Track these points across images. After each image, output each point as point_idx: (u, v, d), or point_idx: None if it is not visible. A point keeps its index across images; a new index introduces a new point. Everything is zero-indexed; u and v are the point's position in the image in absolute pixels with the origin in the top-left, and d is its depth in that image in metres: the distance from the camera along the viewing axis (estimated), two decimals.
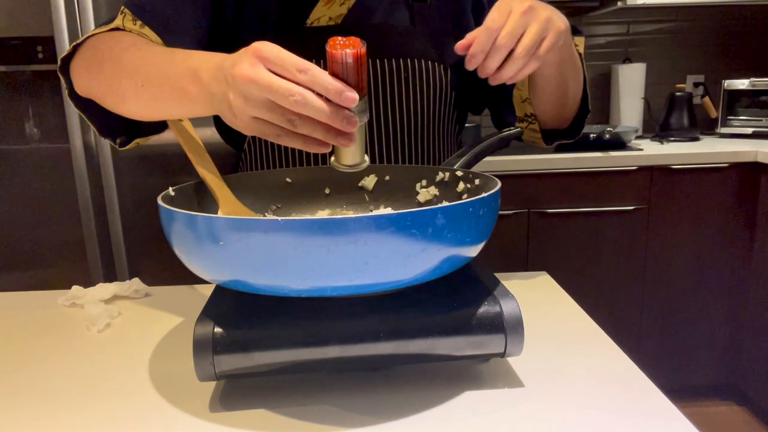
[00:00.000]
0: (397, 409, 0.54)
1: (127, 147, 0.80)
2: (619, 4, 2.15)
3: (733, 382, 2.10)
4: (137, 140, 0.80)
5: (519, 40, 0.63)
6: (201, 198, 0.68)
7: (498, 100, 0.94)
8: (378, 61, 0.85)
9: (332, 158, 0.56)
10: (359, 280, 0.49)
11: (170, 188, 0.63)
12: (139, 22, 0.74)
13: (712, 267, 2.02)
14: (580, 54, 0.84)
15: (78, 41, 0.74)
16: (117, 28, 0.73)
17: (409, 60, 0.86)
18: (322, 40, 0.51)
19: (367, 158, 0.56)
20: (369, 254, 0.47)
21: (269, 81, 0.47)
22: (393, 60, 0.85)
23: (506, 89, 0.91)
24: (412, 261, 0.49)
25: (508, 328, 0.55)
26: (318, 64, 0.49)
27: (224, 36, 0.83)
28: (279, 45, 0.49)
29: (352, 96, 0.47)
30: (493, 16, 0.63)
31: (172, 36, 0.75)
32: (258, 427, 0.53)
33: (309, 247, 0.46)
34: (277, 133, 0.50)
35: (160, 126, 0.79)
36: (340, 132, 0.49)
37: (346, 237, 0.46)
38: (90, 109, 0.76)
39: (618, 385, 0.58)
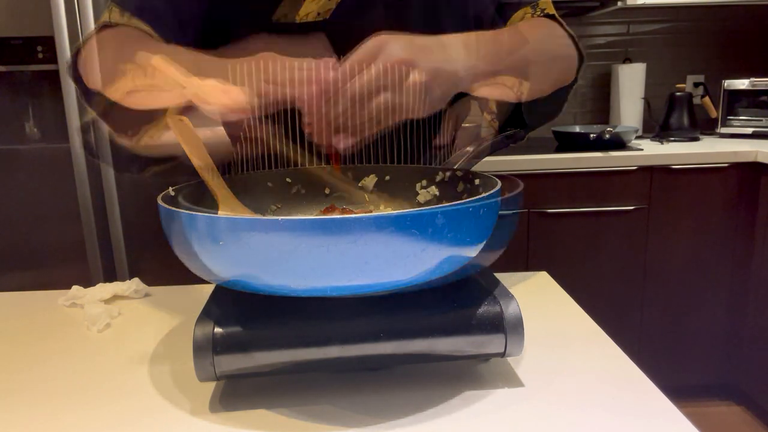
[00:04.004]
0: (397, 409, 0.54)
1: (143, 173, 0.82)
2: (619, 4, 2.14)
3: (733, 382, 2.10)
4: (151, 168, 0.82)
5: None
6: (201, 198, 0.68)
7: None
8: None
9: None
10: (359, 280, 0.49)
11: (170, 188, 0.63)
12: (126, 15, 0.75)
13: (712, 267, 2.02)
14: (552, 15, 0.79)
15: (74, 51, 0.76)
16: (105, 25, 0.74)
17: None
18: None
19: None
20: (369, 254, 0.47)
21: None
22: None
23: None
24: (412, 261, 0.49)
25: (508, 328, 0.55)
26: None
27: (217, 35, 0.84)
28: (273, 40, 0.50)
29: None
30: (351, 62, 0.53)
31: (163, 27, 0.75)
32: (258, 427, 0.53)
33: (309, 247, 0.46)
34: None
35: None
36: None
37: (346, 237, 0.46)
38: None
39: (618, 385, 0.58)
